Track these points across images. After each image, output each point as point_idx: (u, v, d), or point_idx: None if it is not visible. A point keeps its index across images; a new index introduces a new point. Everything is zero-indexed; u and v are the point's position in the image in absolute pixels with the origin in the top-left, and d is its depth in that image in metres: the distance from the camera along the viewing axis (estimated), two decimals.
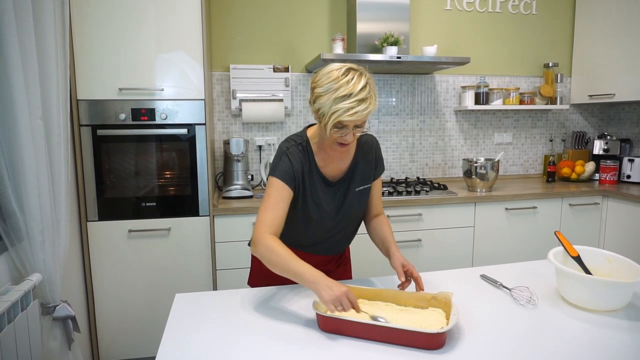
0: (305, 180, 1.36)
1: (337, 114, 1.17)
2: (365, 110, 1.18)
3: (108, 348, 2.33)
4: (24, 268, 1.48)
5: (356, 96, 1.16)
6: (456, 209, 2.62)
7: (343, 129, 1.23)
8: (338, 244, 1.52)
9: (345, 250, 1.60)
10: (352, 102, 1.16)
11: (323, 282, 1.12)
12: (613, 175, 3.03)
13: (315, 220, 1.40)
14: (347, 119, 1.18)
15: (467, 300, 1.26)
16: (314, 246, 1.47)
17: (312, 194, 1.37)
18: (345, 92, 1.16)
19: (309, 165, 1.36)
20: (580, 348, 1.02)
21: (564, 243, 1.35)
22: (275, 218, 1.28)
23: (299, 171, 1.33)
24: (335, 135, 1.25)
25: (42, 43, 1.56)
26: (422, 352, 1.00)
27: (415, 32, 3.06)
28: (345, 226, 1.47)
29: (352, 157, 1.42)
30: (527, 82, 3.33)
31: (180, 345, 1.06)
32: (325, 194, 1.39)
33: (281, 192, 1.30)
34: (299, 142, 1.37)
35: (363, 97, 1.17)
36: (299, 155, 1.34)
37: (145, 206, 2.28)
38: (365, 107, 1.18)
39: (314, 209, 1.38)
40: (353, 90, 1.16)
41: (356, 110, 1.17)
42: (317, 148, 1.38)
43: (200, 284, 2.36)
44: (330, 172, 1.40)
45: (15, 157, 1.40)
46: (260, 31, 2.88)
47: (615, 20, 2.99)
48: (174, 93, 2.24)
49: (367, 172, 1.45)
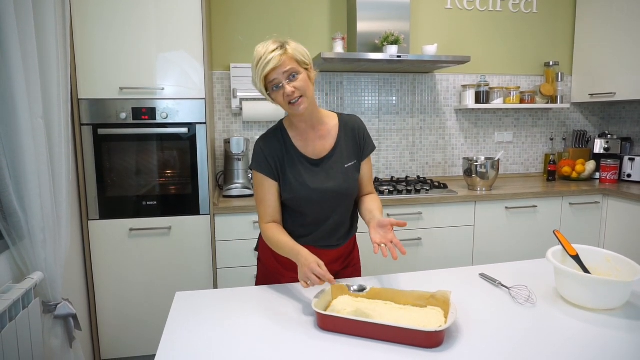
0: (284, 162, 1.40)
1: (259, 72, 1.27)
2: (277, 55, 1.26)
3: (109, 346, 2.34)
4: (25, 266, 1.49)
5: (267, 51, 1.27)
6: (456, 207, 2.63)
7: (279, 88, 1.29)
8: (336, 229, 1.48)
9: (349, 244, 1.56)
10: (264, 56, 1.26)
11: (301, 256, 1.25)
12: (614, 174, 3.03)
13: (304, 201, 1.41)
14: (267, 69, 1.26)
15: (465, 299, 1.26)
16: (315, 234, 1.45)
17: (294, 175, 1.40)
18: (259, 54, 1.28)
19: (285, 147, 1.42)
20: (579, 347, 1.03)
21: (563, 242, 1.36)
22: (267, 208, 1.41)
23: (272, 156, 1.40)
24: (279, 98, 1.31)
25: (43, 42, 1.56)
26: (421, 351, 1.01)
27: (415, 31, 3.06)
28: (338, 206, 1.45)
29: (336, 135, 1.45)
30: (528, 81, 3.33)
31: (180, 343, 1.06)
32: (310, 173, 1.41)
33: (263, 183, 1.41)
34: (271, 131, 1.45)
35: (274, 48, 1.27)
36: (271, 142, 1.42)
37: (146, 205, 2.29)
38: (277, 53, 1.26)
39: (300, 189, 1.39)
40: (263, 50, 1.28)
41: (270, 59, 1.25)
42: (293, 131, 1.43)
43: (201, 282, 2.37)
44: (313, 151, 1.42)
45: (17, 156, 1.41)
46: (261, 30, 2.88)
47: (615, 19, 2.98)
48: (174, 92, 2.25)
49: (353, 149, 1.45)
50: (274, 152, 1.40)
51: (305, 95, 1.31)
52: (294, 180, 1.39)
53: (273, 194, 1.41)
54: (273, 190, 1.41)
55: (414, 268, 2.44)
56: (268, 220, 1.42)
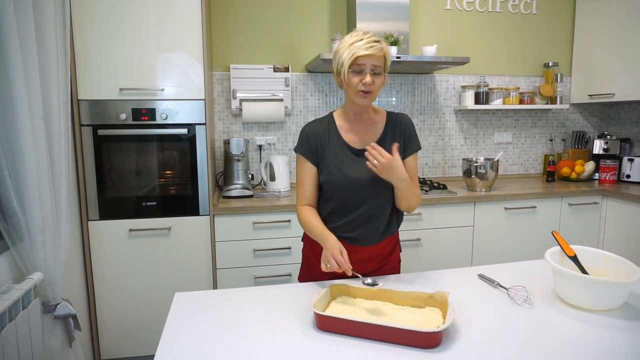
0: (325, 146, 1.45)
1: (353, 51, 1.30)
2: (378, 45, 1.31)
3: (109, 346, 2.34)
4: (25, 267, 1.50)
5: (368, 38, 1.32)
6: (455, 208, 2.63)
7: (361, 73, 1.33)
8: (368, 221, 1.46)
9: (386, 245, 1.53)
10: (365, 41, 1.31)
11: (328, 242, 1.32)
12: (613, 175, 3.03)
13: (338, 186, 1.43)
14: (363, 52, 1.30)
15: (464, 300, 1.26)
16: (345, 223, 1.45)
17: (332, 159, 1.43)
18: (358, 37, 1.33)
19: (329, 132, 1.47)
20: (576, 347, 1.03)
21: (561, 243, 1.36)
22: (304, 191, 1.48)
23: (314, 139, 1.45)
24: (355, 81, 1.34)
25: (42, 43, 1.57)
26: (419, 351, 1.01)
27: (415, 31, 3.06)
28: (370, 197, 1.44)
29: (382, 130, 1.48)
30: (527, 82, 3.33)
31: (180, 343, 1.07)
32: (349, 161, 1.44)
33: (303, 165, 1.47)
34: (319, 118, 1.52)
35: (375, 39, 1.32)
36: (316, 126, 1.48)
37: (145, 205, 2.29)
38: (378, 44, 1.32)
39: (336, 173, 1.42)
40: (364, 37, 1.32)
41: (370, 45, 1.30)
42: (342, 120, 1.49)
43: (201, 282, 2.38)
44: (357, 140, 1.47)
45: (17, 157, 1.41)
46: (261, 31, 2.88)
47: (615, 20, 2.99)
48: (174, 93, 2.25)
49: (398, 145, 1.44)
50: (316, 135, 1.46)
51: (374, 93, 1.38)
52: (331, 164, 1.44)
53: (311, 177, 1.47)
54: (311, 173, 1.46)
55: (413, 268, 2.43)
56: (303, 202, 1.48)
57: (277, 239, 2.41)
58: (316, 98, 3.00)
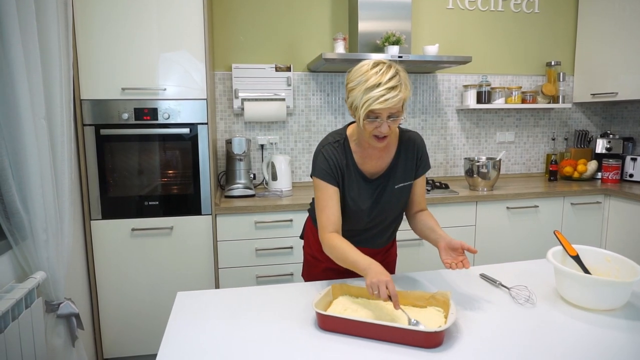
0: (344, 175, 1.40)
1: (368, 102, 1.21)
2: (395, 97, 1.20)
3: (111, 345, 2.35)
4: (28, 266, 1.50)
5: (385, 84, 1.20)
6: (458, 207, 2.63)
7: (377, 120, 1.25)
8: (374, 238, 1.52)
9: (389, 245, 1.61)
10: (382, 90, 1.19)
11: (373, 268, 1.18)
12: (615, 174, 3.02)
13: (350, 215, 1.43)
14: (378, 107, 1.21)
15: (465, 299, 1.26)
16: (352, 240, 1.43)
17: (349, 190, 1.41)
18: (375, 82, 1.20)
19: (346, 161, 1.40)
20: (579, 347, 1.03)
21: (563, 242, 1.36)
22: (330, 216, 1.36)
23: (336, 164, 1.38)
24: (369, 128, 1.27)
25: (45, 43, 1.57)
26: (421, 351, 1.01)
27: (417, 31, 3.06)
28: (381, 222, 1.48)
29: (394, 154, 1.44)
30: (530, 81, 3.32)
31: (182, 342, 1.07)
32: (362, 191, 1.42)
33: (326, 191, 1.37)
34: (335, 140, 1.41)
35: (393, 85, 1.20)
36: (334, 152, 1.39)
37: (148, 205, 2.30)
38: (395, 94, 1.20)
39: (350, 204, 1.42)
40: (382, 80, 1.20)
41: (386, 98, 1.19)
42: (356, 145, 1.41)
43: (203, 282, 2.38)
44: (370, 168, 1.42)
45: (20, 156, 1.42)
46: (262, 31, 2.88)
47: (617, 19, 2.98)
48: (176, 92, 2.25)
49: (408, 170, 1.44)
50: (336, 162, 1.38)
51: (391, 135, 1.32)
52: (347, 194, 1.41)
53: (336, 200, 1.37)
54: (336, 196, 1.37)
55: (415, 268, 2.45)
56: (330, 229, 1.35)
57: (279, 239, 2.41)
58: (318, 97, 3.00)
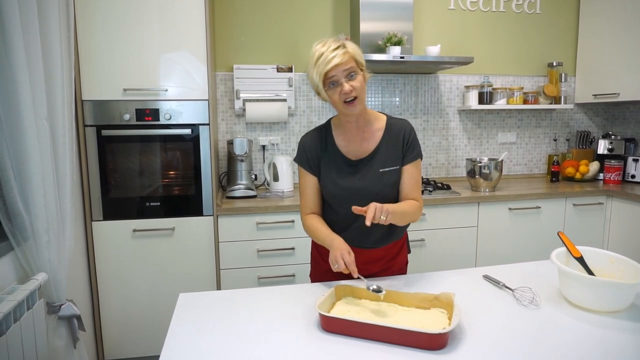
0: (323, 159, 1.45)
1: (319, 70, 1.28)
2: (340, 53, 1.28)
3: (113, 346, 2.35)
4: (29, 267, 1.50)
5: (329, 49, 1.29)
6: (459, 208, 2.62)
7: (337, 85, 1.31)
8: (368, 231, 1.40)
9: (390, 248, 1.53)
10: (326, 53, 1.28)
11: (335, 243, 1.31)
12: (617, 175, 3.01)
13: (336, 198, 1.44)
14: (328, 67, 1.27)
15: (469, 301, 1.26)
16: (347, 233, 1.43)
17: (328, 173, 1.44)
18: (319, 53, 1.29)
19: (325, 145, 1.46)
20: (583, 349, 1.02)
21: (567, 244, 1.35)
22: (306, 201, 1.48)
23: (310, 153, 1.46)
24: (335, 96, 1.33)
25: (47, 44, 1.57)
26: (425, 353, 1.01)
27: (418, 31, 3.05)
28: None
29: (380, 139, 1.44)
30: (531, 82, 3.32)
31: (184, 344, 1.06)
32: (344, 173, 1.43)
33: (305, 177, 1.48)
34: (316, 128, 1.51)
35: (335, 46, 1.29)
36: (312, 140, 1.47)
37: (149, 206, 2.30)
38: (340, 51, 1.28)
39: (332, 187, 1.44)
40: (325, 49, 1.29)
41: (332, 56, 1.27)
42: (338, 130, 1.47)
43: (204, 283, 2.38)
44: (353, 150, 1.45)
45: (21, 157, 1.42)
46: (264, 31, 2.88)
47: (619, 19, 2.97)
48: (178, 93, 2.25)
49: (393, 154, 1.43)
50: (312, 149, 1.46)
51: (360, 96, 1.34)
52: (327, 177, 1.45)
53: (311, 187, 1.48)
54: (311, 184, 1.47)
55: (417, 269, 2.43)
56: (307, 212, 1.49)
57: (281, 240, 2.41)
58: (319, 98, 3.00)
